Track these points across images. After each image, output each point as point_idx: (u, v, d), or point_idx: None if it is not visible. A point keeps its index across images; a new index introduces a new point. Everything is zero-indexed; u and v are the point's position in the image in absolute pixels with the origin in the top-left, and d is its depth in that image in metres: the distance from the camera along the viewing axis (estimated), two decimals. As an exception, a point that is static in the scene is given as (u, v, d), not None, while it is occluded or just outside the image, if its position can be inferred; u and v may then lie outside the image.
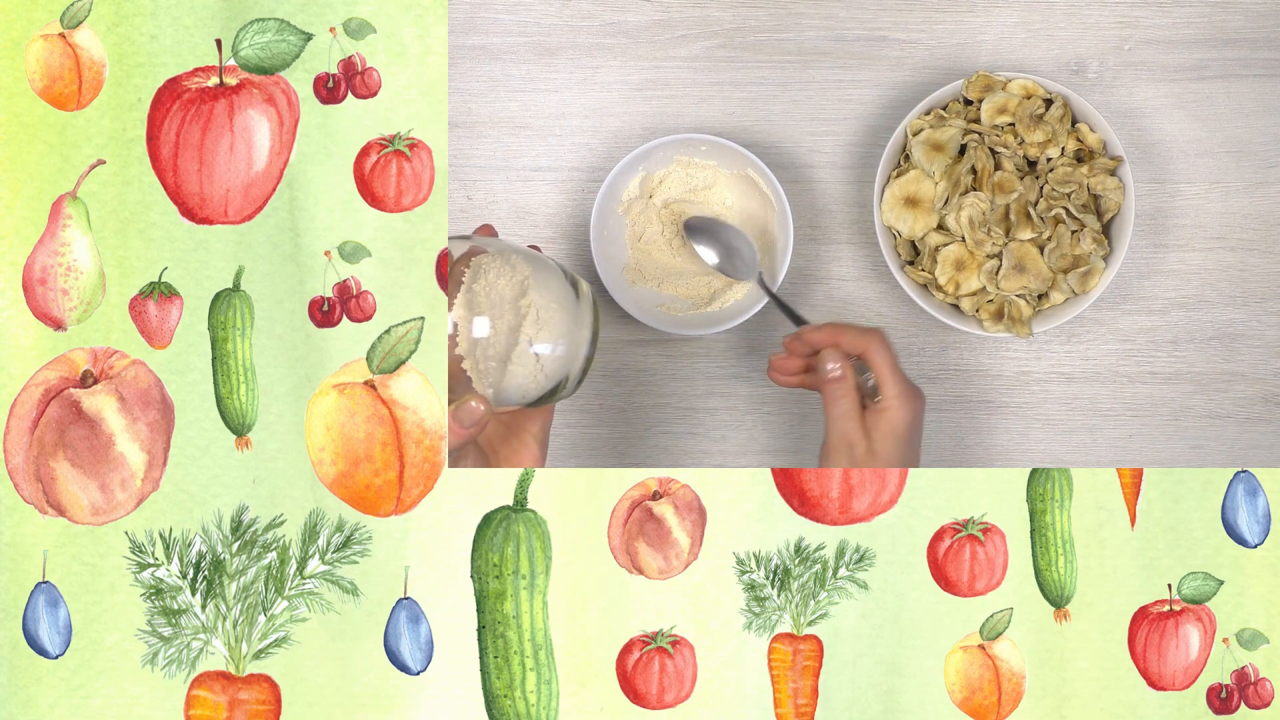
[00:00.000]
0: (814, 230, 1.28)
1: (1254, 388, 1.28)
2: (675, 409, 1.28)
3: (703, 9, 1.28)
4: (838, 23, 1.28)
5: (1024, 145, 1.22)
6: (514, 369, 1.01)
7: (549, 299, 1.01)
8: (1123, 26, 1.27)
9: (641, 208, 1.25)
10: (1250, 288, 1.28)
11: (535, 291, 1.01)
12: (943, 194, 1.22)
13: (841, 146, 1.28)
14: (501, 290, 1.01)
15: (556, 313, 1.02)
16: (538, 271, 1.02)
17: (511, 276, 1.02)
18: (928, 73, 1.27)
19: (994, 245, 1.22)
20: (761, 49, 1.28)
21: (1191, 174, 1.28)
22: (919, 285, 1.24)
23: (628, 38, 1.28)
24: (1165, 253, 1.28)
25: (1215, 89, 1.27)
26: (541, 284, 1.02)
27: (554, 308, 1.02)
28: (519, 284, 1.02)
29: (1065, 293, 1.23)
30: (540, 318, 1.01)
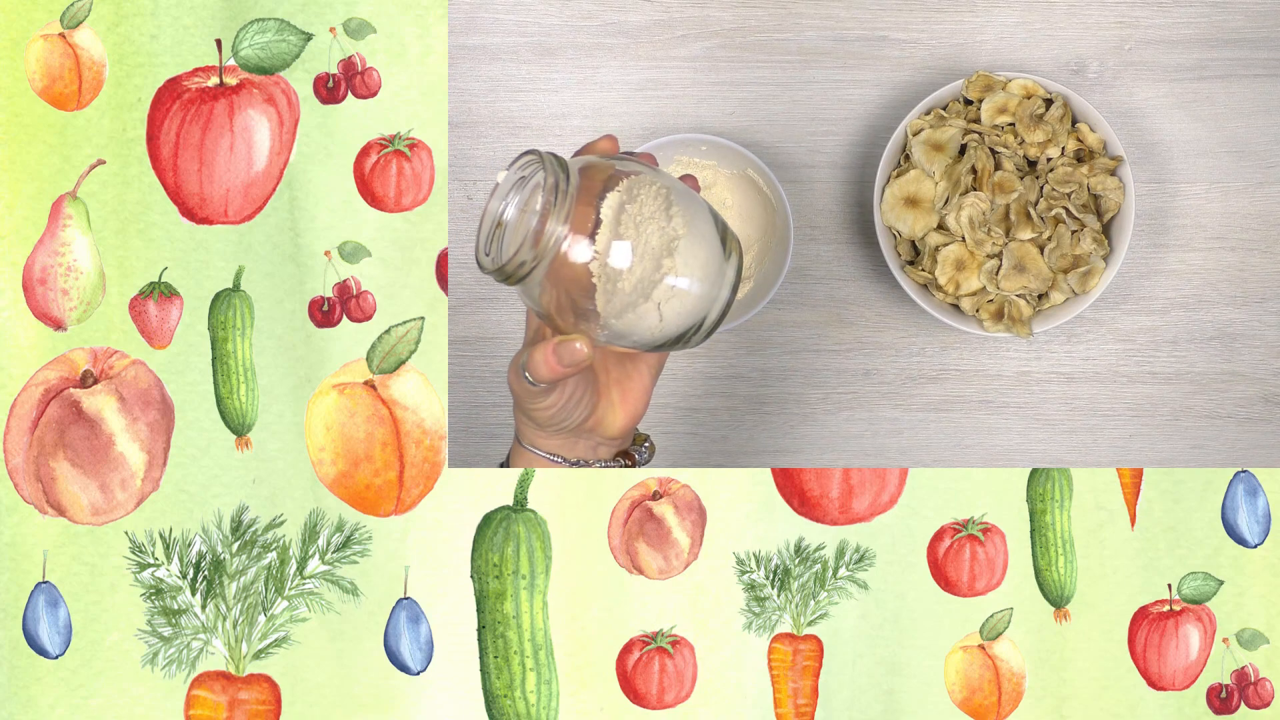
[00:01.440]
0: (814, 230, 1.28)
1: (1254, 388, 1.28)
2: (675, 409, 1.28)
3: (703, 9, 1.28)
4: (838, 23, 1.28)
5: (1024, 145, 1.22)
6: (645, 307, 0.93)
7: (698, 241, 0.93)
8: (1123, 26, 1.27)
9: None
10: (1250, 288, 1.28)
11: (686, 229, 0.93)
12: (943, 194, 1.22)
13: (841, 146, 1.28)
14: (652, 221, 0.92)
15: (703, 255, 0.93)
16: (690, 208, 0.94)
17: (667, 209, 0.93)
18: (928, 73, 1.27)
19: (994, 245, 1.22)
20: (761, 49, 1.28)
21: (1191, 174, 1.28)
22: (919, 285, 1.24)
23: (628, 38, 1.28)
24: (1165, 253, 1.28)
25: (1215, 89, 1.27)
26: (693, 222, 0.93)
27: (701, 251, 0.93)
28: (671, 217, 0.93)
29: (1065, 293, 1.23)
30: (687, 257, 0.93)
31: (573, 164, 0.93)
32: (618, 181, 0.93)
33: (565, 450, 1.01)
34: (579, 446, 1.01)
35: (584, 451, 1.01)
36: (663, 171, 0.95)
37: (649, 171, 0.94)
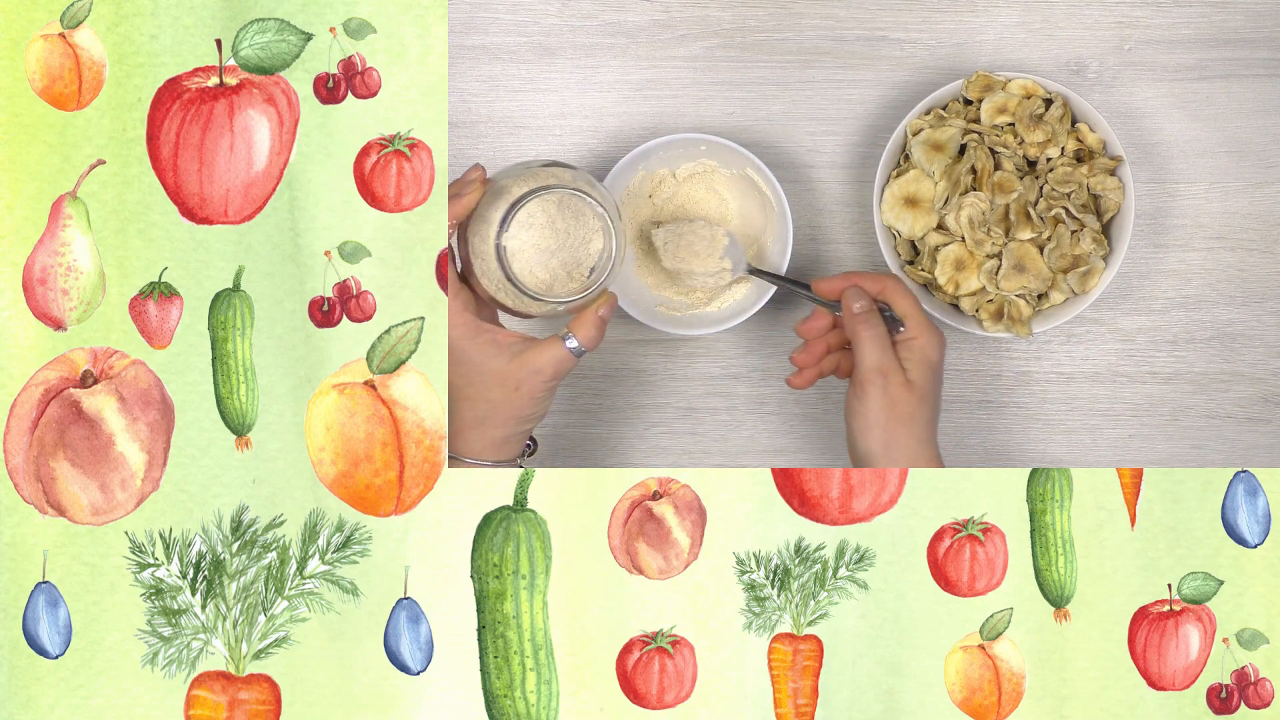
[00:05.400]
0: (814, 230, 1.28)
1: (1254, 388, 1.28)
2: (675, 409, 1.28)
3: (703, 9, 1.28)
4: (838, 23, 1.28)
5: (1024, 145, 1.22)
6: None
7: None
8: (1123, 26, 1.27)
9: (640, 207, 1.25)
10: (1250, 288, 1.28)
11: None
12: (942, 194, 1.22)
13: (841, 146, 1.28)
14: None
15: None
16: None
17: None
18: (928, 73, 1.27)
19: (994, 245, 1.22)
20: (761, 49, 1.28)
21: (1191, 174, 1.28)
22: (919, 285, 1.24)
23: (628, 38, 1.28)
24: (1165, 253, 1.28)
25: (1215, 89, 1.27)
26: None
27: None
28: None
29: (1065, 293, 1.23)
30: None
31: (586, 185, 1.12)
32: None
33: (496, 452, 1.12)
34: (510, 445, 1.12)
35: (512, 450, 1.13)
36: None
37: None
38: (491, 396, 1.10)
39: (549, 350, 1.10)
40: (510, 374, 1.10)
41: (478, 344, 1.10)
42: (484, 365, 1.09)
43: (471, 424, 1.11)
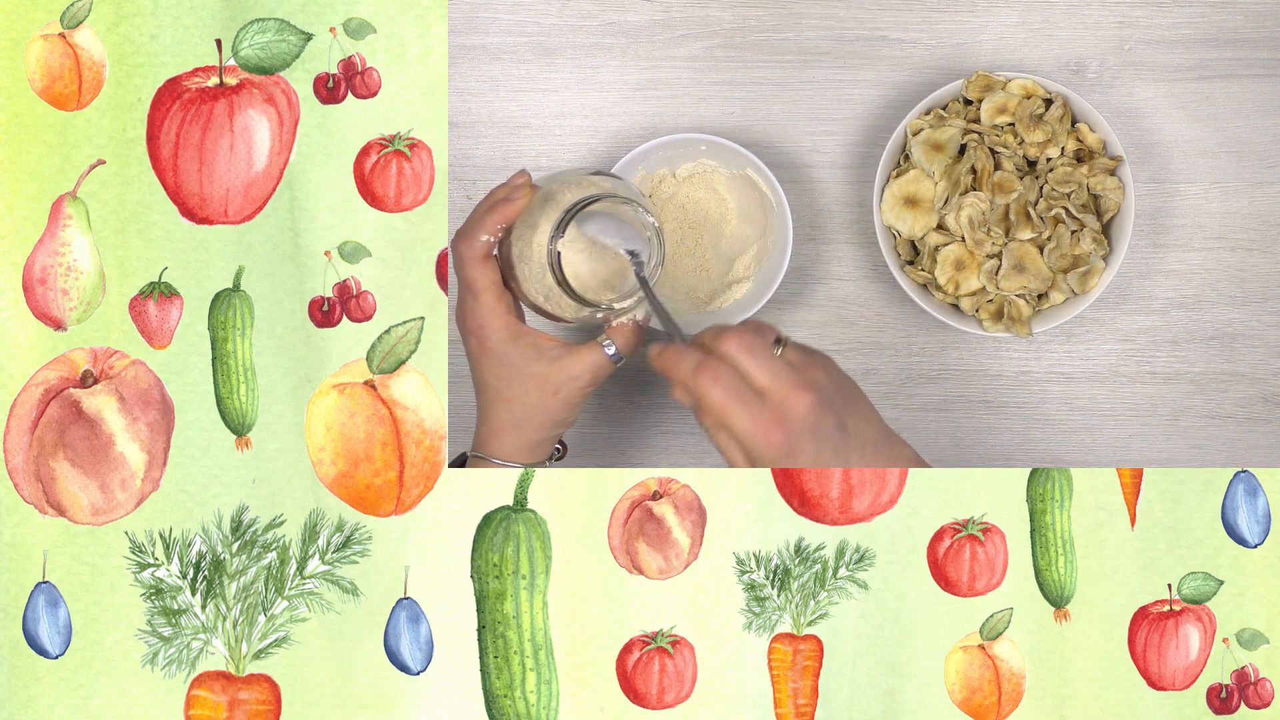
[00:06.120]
0: (814, 230, 1.28)
1: (1254, 388, 1.28)
2: (675, 409, 1.28)
3: (703, 9, 1.28)
4: (838, 23, 1.28)
5: (1024, 145, 1.22)
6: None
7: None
8: (1123, 26, 1.27)
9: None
10: (1250, 288, 1.28)
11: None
12: (942, 194, 1.22)
13: (841, 146, 1.28)
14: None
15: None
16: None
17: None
18: (928, 73, 1.27)
19: (994, 245, 1.22)
20: (761, 49, 1.28)
21: (1191, 174, 1.28)
22: (919, 285, 1.24)
23: (628, 38, 1.28)
24: (1165, 253, 1.28)
25: (1215, 89, 1.27)
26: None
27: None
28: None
29: (1065, 293, 1.23)
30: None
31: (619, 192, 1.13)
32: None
33: (528, 455, 1.12)
34: (542, 449, 1.13)
35: (542, 453, 1.13)
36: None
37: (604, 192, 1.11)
38: (529, 399, 1.10)
39: (589, 356, 1.10)
40: (550, 378, 1.10)
41: (519, 347, 1.10)
42: (524, 368, 1.09)
43: (508, 426, 1.11)
